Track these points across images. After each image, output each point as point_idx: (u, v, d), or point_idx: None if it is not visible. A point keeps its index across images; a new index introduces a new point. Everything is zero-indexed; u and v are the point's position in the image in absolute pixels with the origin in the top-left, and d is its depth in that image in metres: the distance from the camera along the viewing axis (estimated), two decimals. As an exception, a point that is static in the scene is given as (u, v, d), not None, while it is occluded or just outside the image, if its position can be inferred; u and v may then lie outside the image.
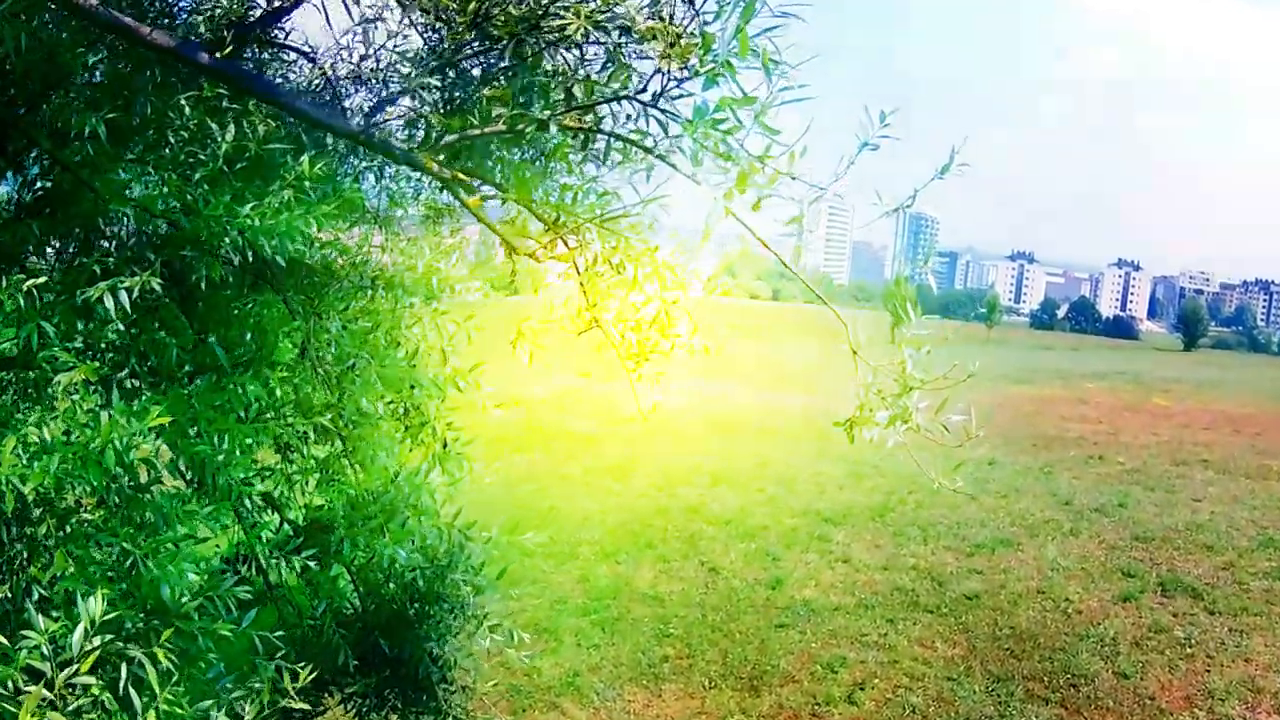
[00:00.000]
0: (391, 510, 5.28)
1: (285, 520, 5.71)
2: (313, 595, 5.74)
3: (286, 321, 5.03)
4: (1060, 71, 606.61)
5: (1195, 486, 20.62)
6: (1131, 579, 14.80)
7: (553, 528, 16.31)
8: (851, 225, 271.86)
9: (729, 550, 15.82)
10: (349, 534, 5.18)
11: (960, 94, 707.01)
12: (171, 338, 4.49)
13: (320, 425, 5.11)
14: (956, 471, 4.58)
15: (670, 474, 20.31)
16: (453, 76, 3.69)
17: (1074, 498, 19.33)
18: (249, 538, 5.23)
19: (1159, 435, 27.36)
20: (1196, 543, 16.51)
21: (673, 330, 5.06)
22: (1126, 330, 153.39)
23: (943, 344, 4.67)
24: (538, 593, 13.79)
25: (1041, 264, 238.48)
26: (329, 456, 5.52)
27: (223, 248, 4.09)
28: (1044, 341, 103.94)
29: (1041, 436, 26.24)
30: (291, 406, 5.05)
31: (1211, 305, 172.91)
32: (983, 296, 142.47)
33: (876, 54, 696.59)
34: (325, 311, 5.01)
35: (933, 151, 3.96)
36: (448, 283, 5.82)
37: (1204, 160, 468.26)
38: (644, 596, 13.85)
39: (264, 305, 5.01)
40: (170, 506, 4.19)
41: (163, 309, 4.59)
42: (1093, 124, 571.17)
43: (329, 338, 4.96)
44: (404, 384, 5.55)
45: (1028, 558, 15.74)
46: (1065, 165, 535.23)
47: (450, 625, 6.34)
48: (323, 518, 5.42)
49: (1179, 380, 46.55)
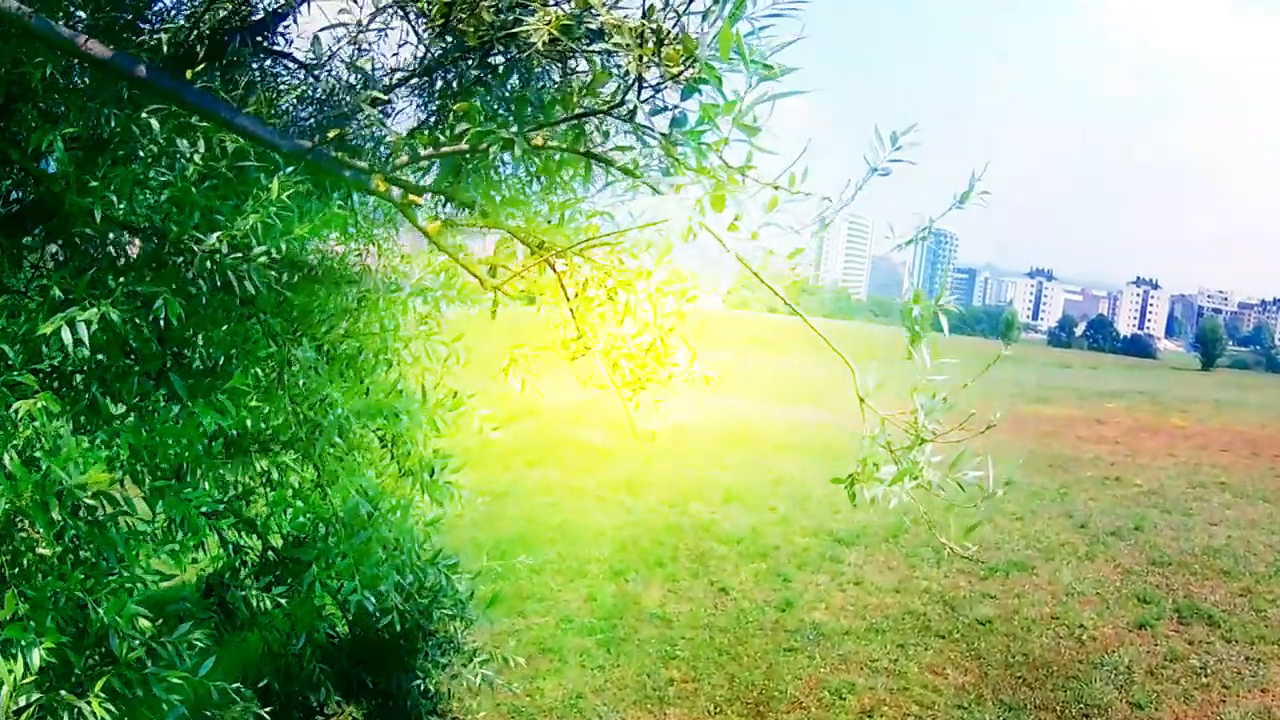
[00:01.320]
0: (367, 546, 4.95)
1: (266, 547, 5.41)
2: (291, 627, 5.45)
3: (264, 346, 4.71)
4: (1081, 89, 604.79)
5: (1213, 510, 20.12)
6: (1147, 605, 14.34)
7: (562, 543, 16.04)
8: (870, 239, 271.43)
9: (739, 570, 15.42)
10: (322, 571, 4.85)
11: (982, 109, 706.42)
12: (136, 364, 4.19)
13: (294, 454, 4.79)
14: (970, 536, 4.20)
15: (684, 489, 19.94)
16: (417, 89, 3.38)
17: (1090, 520, 18.85)
18: (220, 568, 4.94)
19: (1176, 456, 26.85)
20: (1213, 568, 16.03)
21: (670, 359, 4.74)
22: (1144, 349, 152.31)
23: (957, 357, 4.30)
24: (544, 610, 13.44)
25: (1060, 281, 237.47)
26: (304, 486, 5.20)
27: (189, 274, 3.79)
28: (1062, 359, 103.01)
29: (1058, 457, 25.76)
30: (261, 437, 4.74)
31: (1229, 324, 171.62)
32: (1001, 313, 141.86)
33: (892, 65, 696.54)
34: (307, 334, 4.69)
35: (953, 167, 3.65)
36: (438, 302, 5.49)
37: (1223, 178, 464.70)
38: (651, 617, 13.46)
39: (239, 329, 4.70)
40: (127, 543, 3.89)
41: (131, 333, 4.29)
42: (1113, 141, 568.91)
43: (306, 362, 4.64)
44: (387, 412, 5.22)
45: (1042, 582, 15.28)
46: (1085, 182, 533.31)
47: (437, 660, 6.02)
48: (296, 554, 5.10)
49: (1197, 400, 45.96)
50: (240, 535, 5.38)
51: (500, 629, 12.55)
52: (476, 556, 14.95)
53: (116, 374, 4.16)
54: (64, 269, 4.28)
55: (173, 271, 3.80)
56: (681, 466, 21.10)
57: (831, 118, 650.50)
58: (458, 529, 16.36)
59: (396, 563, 5.19)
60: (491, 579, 12.57)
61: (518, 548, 15.51)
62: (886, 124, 3.44)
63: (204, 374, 4.49)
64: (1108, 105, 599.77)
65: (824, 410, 31.33)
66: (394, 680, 5.90)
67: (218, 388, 4.58)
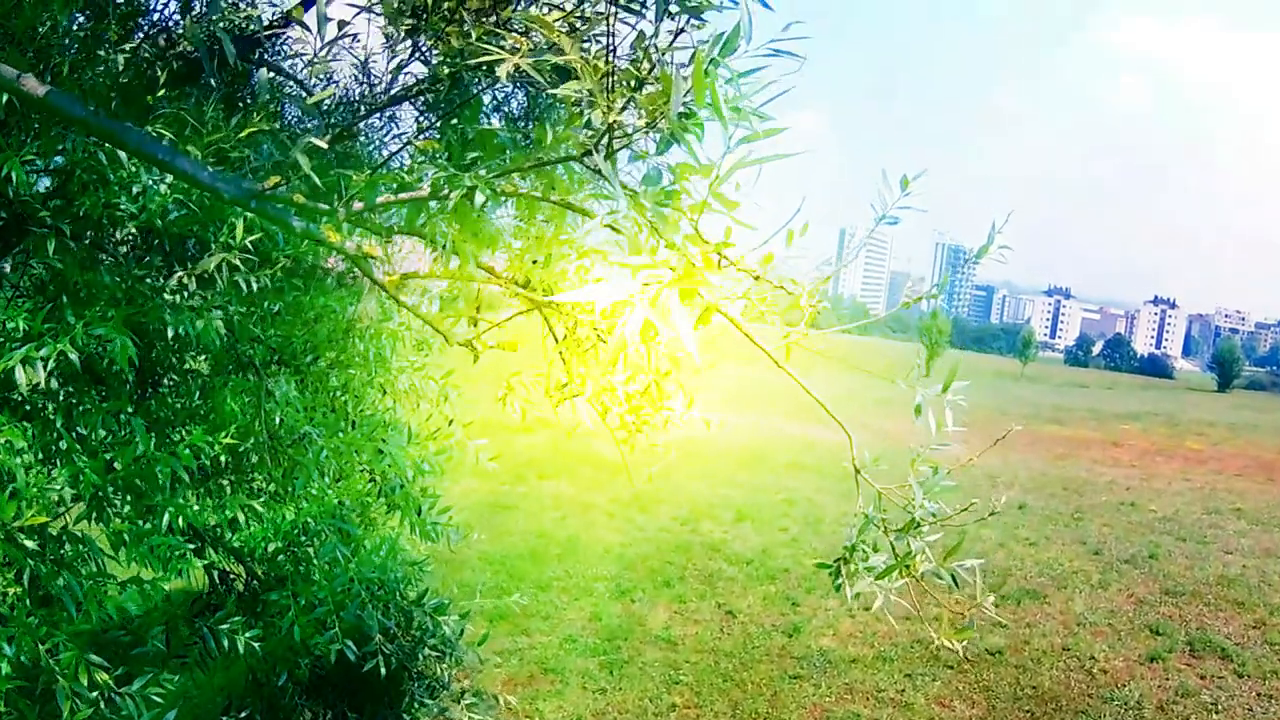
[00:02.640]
0: (349, 588, 4.70)
1: (244, 585, 5.17)
2: (271, 665, 5.21)
3: (242, 382, 4.48)
4: (1100, 108, 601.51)
5: (1228, 538, 19.78)
6: (1160, 637, 13.94)
7: (570, 560, 15.77)
8: (889, 254, 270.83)
9: (748, 593, 15.09)
10: (301, 614, 4.60)
11: (1001, 126, 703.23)
12: (102, 403, 3.96)
13: (271, 490, 4.54)
14: (962, 636, 3.90)
15: (695, 507, 19.67)
16: (383, 123, 3.13)
17: (1104, 547, 18.47)
18: (195, 604, 4.70)
19: (1192, 481, 26.47)
20: (1227, 598, 15.69)
21: (665, 404, 4.48)
22: (1161, 369, 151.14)
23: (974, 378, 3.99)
24: (548, 629, 13.14)
25: (1078, 299, 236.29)
26: (281, 524, 4.94)
27: (150, 327, 3.56)
28: (1078, 379, 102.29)
29: (1072, 480, 25.39)
30: (239, 469, 4.50)
31: (1246, 344, 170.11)
32: (1018, 331, 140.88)
33: (908, 83, 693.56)
34: (290, 364, 4.45)
35: (971, 183, 3.36)
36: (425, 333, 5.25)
37: (1243, 197, 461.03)
38: (656, 639, 13.14)
39: (220, 359, 4.48)
40: (85, 588, 3.66)
41: (99, 365, 4.07)
42: (1131, 159, 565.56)
43: (285, 397, 4.39)
44: (371, 450, 4.95)
45: (1054, 611, 14.89)
46: (1104, 202, 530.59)
47: (424, 700, 5.75)
48: (272, 595, 4.85)
49: (1213, 423, 45.46)
50: (222, 562, 5.15)
51: (503, 647, 12.30)
52: (483, 571, 14.89)
53: (85, 408, 3.95)
54: (32, 299, 4.08)
55: (138, 307, 3.58)
56: (694, 483, 20.82)
57: (844, 135, 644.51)
58: (465, 543, 16.17)
59: (380, 604, 4.94)
60: (487, 614, 12.36)
61: (525, 564, 15.29)
62: (900, 141, 3.18)
63: (179, 408, 4.27)
64: (1128, 123, 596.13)
65: (837, 429, 30.92)
66: (380, 717, 5.65)
67: (193, 420, 4.37)
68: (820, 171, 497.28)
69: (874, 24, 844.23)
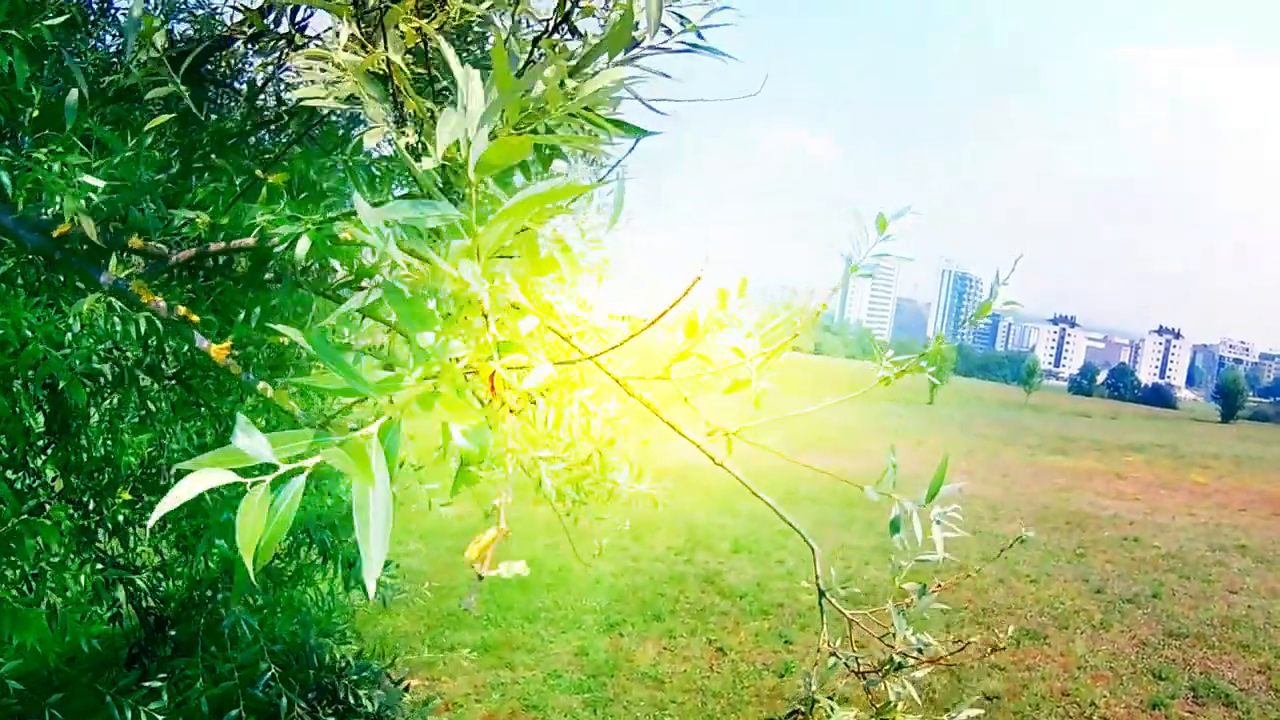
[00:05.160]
0: (256, 657, 4.14)
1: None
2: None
3: (144, 430, 3.95)
4: (1107, 137, 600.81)
5: (1232, 576, 19.17)
6: (1162, 682, 13.26)
7: (559, 590, 15.14)
8: (896, 280, 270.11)
9: (740, 629, 14.43)
10: (209, 687, 4.05)
11: (1010, 152, 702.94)
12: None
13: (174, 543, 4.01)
14: None
15: (692, 536, 19.09)
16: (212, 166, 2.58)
17: (1106, 585, 17.80)
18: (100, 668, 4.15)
19: (1196, 516, 25.81)
20: (1232, 640, 15.04)
21: (608, 476, 3.94)
22: (1165, 398, 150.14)
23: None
24: (533, 663, 12.52)
25: (1083, 328, 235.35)
26: (196, 574, 4.39)
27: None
28: (1081, 408, 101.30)
29: (1075, 514, 24.74)
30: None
31: (1250, 375, 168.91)
32: (1023, 360, 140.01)
33: (916, 106, 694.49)
34: (187, 415, 3.92)
35: (979, 210, 2.81)
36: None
37: (1251, 228, 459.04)
38: (643, 676, 12.50)
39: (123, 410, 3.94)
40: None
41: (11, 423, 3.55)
42: (1139, 189, 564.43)
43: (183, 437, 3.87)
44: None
45: (1054, 653, 14.20)
46: (1111, 229, 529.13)
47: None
48: (180, 664, 4.29)
49: (1217, 455, 44.74)
50: (129, 617, 4.60)
51: (485, 681, 11.71)
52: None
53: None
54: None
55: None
56: (693, 512, 20.22)
57: (853, 160, 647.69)
58: (455, 569, 15.63)
59: (298, 675, 4.37)
60: (473, 646, 11.82)
61: (513, 593, 14.68)
62: (909, 166, 2.64)
63: (73, 464, 3.76)
64: (1134, 152, 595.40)
65: (842, 457, 30.40)
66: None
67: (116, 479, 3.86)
68: (826, 192, 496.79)
69: (883, 48, 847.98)
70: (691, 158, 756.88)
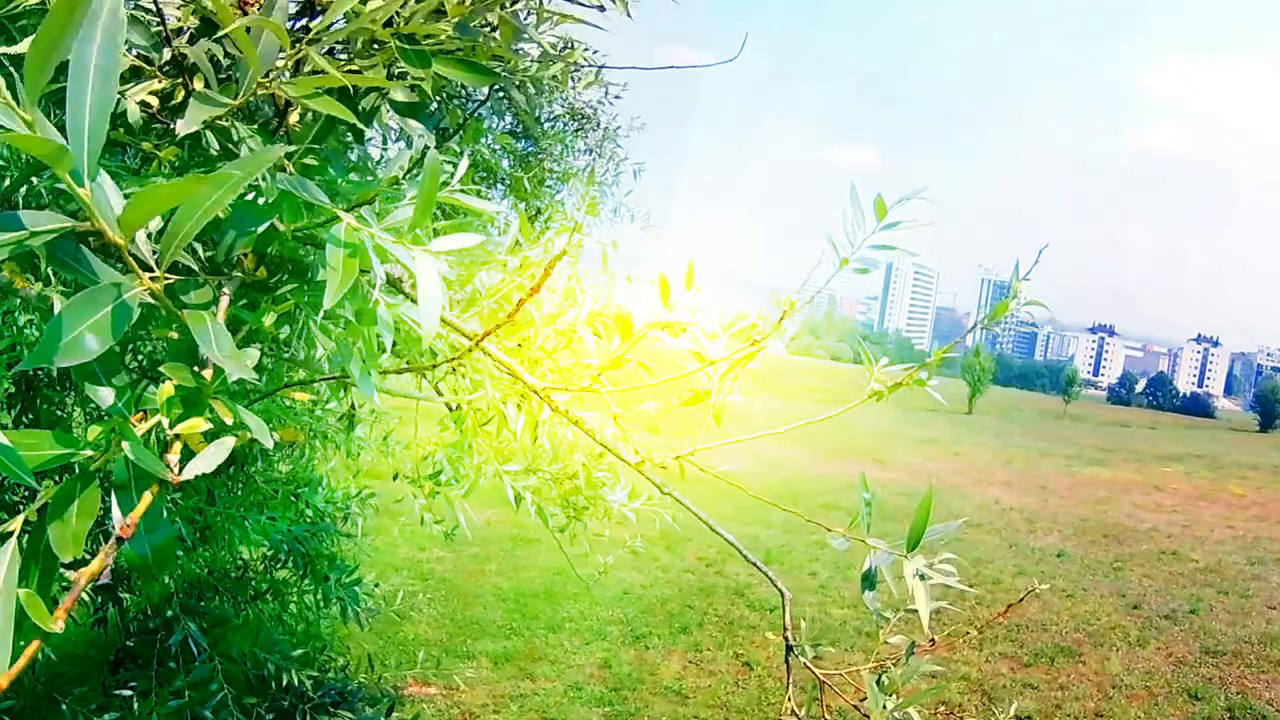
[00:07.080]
0: (206, 683, 3.76)
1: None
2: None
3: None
4: (1140, 149, 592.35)
5: (1270, 591, 18.33)
6: (1198, 702, 12.56)
7: (586, 600, 14.72)
8: (935, 289, 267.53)
9: (768, 643, 13.89)
10: (158, 705, 3.68)
11: (1043, 162, 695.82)
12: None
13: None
14: None
15: (723, 548, 18.55)
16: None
17: (1143, 600, 17.08)
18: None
19: (1235, 529, 24.99)
20: (1270, 659, 14.27)
21: (600, 492, 3.56)
22: (1203, 408, 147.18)
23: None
24: (554, 674, 12.11)
25: (1121, 337, 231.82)
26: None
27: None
28: (1120, 417, 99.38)
29: (1113, 527, 23.99)
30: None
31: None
32: (1061, 369, 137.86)
33: (950, 121, 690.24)
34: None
35: (1016, 220, 2.36)
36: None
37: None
38: (667, 691, 12.04)
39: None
40: None
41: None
42: (1174, 199, 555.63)
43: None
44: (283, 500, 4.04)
45: (1089, 672, 13.54)
46: (1149, 239, 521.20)
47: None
48: (133, 683, 3.92)
49: (1256, 466, 43.49)
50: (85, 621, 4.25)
51: (504, 692, 11.32)
52: (495, 609, 13.96)
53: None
54: None
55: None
56: (726, 522, 19.67)
57: (895, 172, 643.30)
58: (482, 576, 15.33)
59: (256, 702, 3.97)
60: (491, 655, 11.43)
61: (539, 602, 14.32)
62: (944, 171, 2.20)
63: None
64: (1169, 162, 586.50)
65: (877, 467, 29.81)
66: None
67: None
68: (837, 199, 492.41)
69: (923, 63, 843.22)
70: (694, 159, 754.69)
